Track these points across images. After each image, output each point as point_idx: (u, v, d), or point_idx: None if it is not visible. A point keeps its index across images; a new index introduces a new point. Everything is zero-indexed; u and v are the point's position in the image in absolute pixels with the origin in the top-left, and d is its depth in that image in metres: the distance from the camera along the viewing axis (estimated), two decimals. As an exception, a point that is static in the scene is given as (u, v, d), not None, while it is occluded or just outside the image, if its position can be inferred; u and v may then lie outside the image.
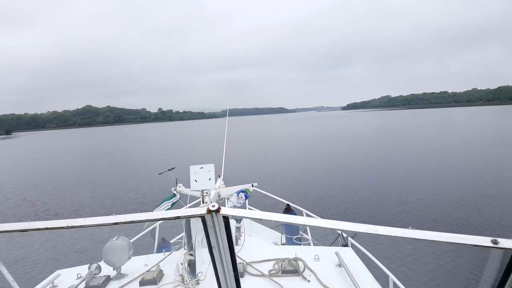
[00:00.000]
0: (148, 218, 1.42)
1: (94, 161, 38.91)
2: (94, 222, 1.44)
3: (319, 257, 3.42)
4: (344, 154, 30.54)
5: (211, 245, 1.54)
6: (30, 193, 21.27)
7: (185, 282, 2.92)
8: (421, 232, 1.24)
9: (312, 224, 1.41)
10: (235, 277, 1.71)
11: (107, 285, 3.10)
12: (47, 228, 1.45)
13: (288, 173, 22.51)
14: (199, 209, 1.42)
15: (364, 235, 1.17)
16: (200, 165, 3.88)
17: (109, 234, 3.31)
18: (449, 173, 19.67)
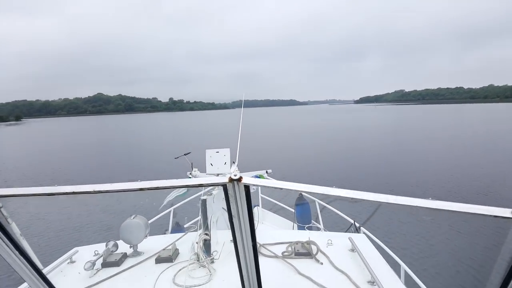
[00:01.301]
0: (173, 184, 1.47)
1: (108, 149, 38.35)
2: (119, 187, 1.49)
3: (332, 242, 3.42)
4: (358, 146, 30.58)
5: (231, 214, 1.62)
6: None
7: (200, 261, 3.01)
8: (440, 202, 1.27)
9: (331, 193, 1.43)
10: (253, 246, 1.78)
11: (124, 262, 3.18)
12: (74, 192, 1.51)
13: (302, 163, 22.77)
14: (221, 178, 1.47)
15: (376, 224, 1.33)
16: (216, 149, 4.23)
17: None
18: (465, 162, 20.51)
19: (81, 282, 2.84)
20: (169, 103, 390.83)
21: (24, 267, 1.95)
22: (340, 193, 1.43)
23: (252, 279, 2.06)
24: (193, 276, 2.84)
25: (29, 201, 15.05)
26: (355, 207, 9.85)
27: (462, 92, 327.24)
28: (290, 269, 2.90)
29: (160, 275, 2.90)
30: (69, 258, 3.35)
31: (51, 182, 19.90)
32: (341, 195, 1.43)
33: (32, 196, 1.57)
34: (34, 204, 15.07)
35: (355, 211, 9.18)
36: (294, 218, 6.22)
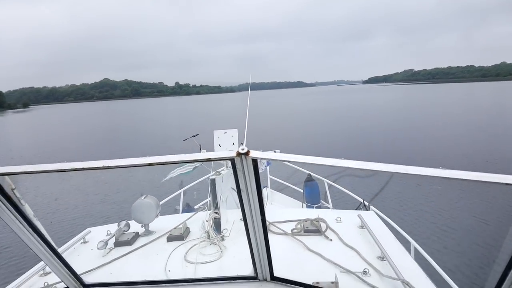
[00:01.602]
0: (181, 159, 1.51)
1: (116, 134, 38.52)
2: (129, 162, 1.51)
3: (341, 219, 3.41)
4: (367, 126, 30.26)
5: (240, 188, 1.65)
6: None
7: (210, 238, 3.05)
8: (451, 171, 1.26)
9: (341, 165, 1.44)
10: (262, 220, 1.80)
11: (136, 241, 3.20)
12: (83, 168, 1.54)
13: (310, 144, 22.66)
14: (229, 152, 1.49)
15: (385, 203, 1.31)
16: (224, 130, 4.25)
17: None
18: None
19: (95, 261, 2.89)
20: (175, 87, 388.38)
21: (40, 247, 2.00)
22: (349, 164, 1.42)
23: (262, 253, 2.08)
24: (204, 253, 2.87)
25: (40, 183, 15.28)
26: (364, 186, 9.87)
27: (473, 70, 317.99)
28: (300, 246, 2.91)
29: (172, 252, 2.93)
30: (82, 238, 3.40)
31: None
32: (350, 166, 1.42)
33: (43, 173, 1.58)
34: (45, 185, 15.31)
35: (364, 190, 9.19)
36: (303, 198, 6.23)
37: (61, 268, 2.19)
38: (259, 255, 2.11)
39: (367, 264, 2.52)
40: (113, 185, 14.75)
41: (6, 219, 1.83)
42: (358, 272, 2.40)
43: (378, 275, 2.40)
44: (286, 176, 7.95)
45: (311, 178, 6.41)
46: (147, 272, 2.66)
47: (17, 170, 1.65)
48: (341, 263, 2.53)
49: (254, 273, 2.30)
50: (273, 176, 7.39)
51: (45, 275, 2.74)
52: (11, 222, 1.85)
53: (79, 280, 2.34)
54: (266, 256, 2.12)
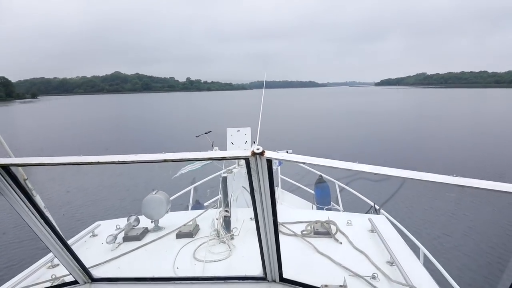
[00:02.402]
0: (196, 157, 1.53)
1: (127, 128, 38.58)
2: (144, 158, 1.51)
3: (352, 222, 3.38)
4: (380, 129, 30.18)
5: (253, 187, 1.63)
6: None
7: (220, 237, 3.02)
8: (465, 179, 1.25)
9: (354, 168, 1.44)
10: (274, 221, 1.79)
11: (145, 237, 3.20)
12: (99, 162, 1.54)
13: (323, 145, 22.65)
14: (244, 151, 1.48)
15: (396, 207, 1.31)
16: (237, 128, 4.27)
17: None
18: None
19: (103, 254, 2.90)
20: (186, 82, 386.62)
21: (51, 238, 2.00)
22: (363, 168, 1.42)
23: (272, 254, 2.06)
24: (213, 252, 2.86)
25: (52, 175, 15.43)
26: (375, 189, 9.77)
27: (487, 76, 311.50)
28: (309, 248, 2.90)
29: (180, 249, 2.93)
30: (91, 231, 3.41)
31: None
32: (364, 170, 1.42)
33: (58, 165, 1.59)
34: (57, 177, 15.45)
35: (375, 194, 9.11)
36: (314, 199, 6.21)
37: (70, 260, 2.19)
38: (269, 255, 2.08)
39: (376, 269, 2.51)
40: (125, 179, 14.85)
41: (19, 209, 1.84)
42: (367, 276, 2.39)
43: (387, 280, 2.39)
44: (297, 177, 7.92)
45: (322, 179, 6.38)
46: (155, 268, 2.65)
47: (32, 161, 1.65)
48: (350, 267, 2.52)
49: (263, 274, 2.27)
50: (284, 176, 7.35)
51: (53, 267, 2.75)
52: (23, 212, 1.86)
53: (88, 273, 2.34)
54: (276, 257, 2.10)
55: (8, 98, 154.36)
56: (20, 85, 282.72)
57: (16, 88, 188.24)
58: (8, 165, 1.61)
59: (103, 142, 27.01)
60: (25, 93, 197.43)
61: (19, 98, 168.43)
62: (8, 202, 1.78)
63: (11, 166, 1.63)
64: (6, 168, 1.62)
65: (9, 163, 1.62)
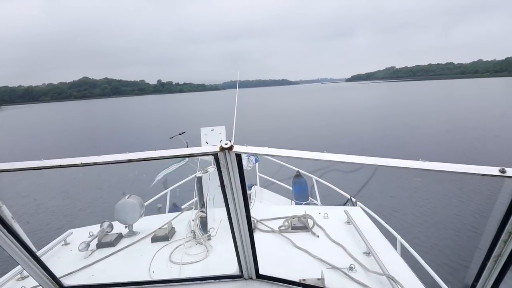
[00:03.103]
0: (163, 155, 1.49)
1: (93, 134, 37.28)
2: (108, 159, 1.48)
3: (328, 215, 3.41)
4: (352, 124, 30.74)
5: (223, 183, 1.61)
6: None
7: (196, 238, 2.98)
8: (430, 163, 1.29)
9: (323, 158, 1.44)
10: (247, 217, 1.76)
11: (119, 242, 3.11)
12: (60, 165, 1.50)
13: (299, 142, 22.65)
14: (212, 147, 1.48)
15: (372, 199, 1.32)
16: (211, 127, 4.18)
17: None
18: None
19: (76, 263, 2.81)
20: (158, 85, 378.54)
21: (18, 250, 1.91)
22: (331, 157, 1.43)
23: (247, 251, 2.05)
24: (189, 253, 2.82)
25: (19, 182, 14.79)
26: (349, 181, 9.91)
27: (453, 67, 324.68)
28: (287, 243, 2.90)
29: (156, 253, 2.87)
30: (63, 240, 3.31)
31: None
32: (332, 160, 1.43)
33: (19, 171, 1.53)
34: (24, 185, 14.82)
35: (350, 186, 9.24)
36: (292, 195, 6.26)
37: (38, 271, 2.10)
38: (244, 252, 2.07)
39: (353, 260, 2.54)
40: (95, 184, 14.39)
41: None
42: (344, 268, 2.41)
43: (364, 270, 2.41)
44: (275, 174, 7.93)
45: (300, 175, 6.42)
46: (130, 273, 2.60)
47: None
48: (328, 259, 2.53)
49: (239, 272, 2.26)
50: (262, 174, 7.34)
51: (22, 279, 2.65)
52: None
53: (58, 283, 2.26)
54: (251, 253, 2.08)
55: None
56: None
57: None
58: None
59: (69, 151, 25.94)
60: None
61: None
62: None
63: None
64: None
65: None
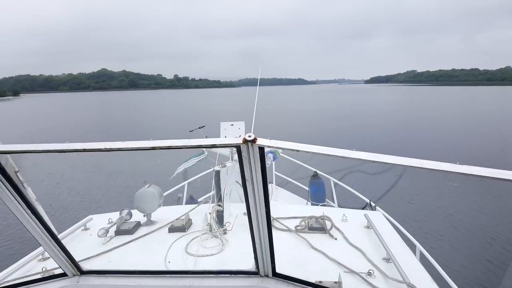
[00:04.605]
0: (186, 144, 1.48)
1: (116, 125, 37.52)
2: (132, 145, 1.48)
3: (347, 218, 3.33)
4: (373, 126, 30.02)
5: (245, 177, 1.58)
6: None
7: (212, 231, 2.99)
8: (470, 167, 1.20)
9: (352, 156, 1.40)
10: (267, 213, 1.73)
11: (137, 230, 3.17)
12: (84, 149, 1.51)
13: (318, 141, 21.49)
14: (235, 138, 1.44)
15: (392, 204, 1.25)
16: (231, 122, 4.24)
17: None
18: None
19: (95, 248, 2.86)
20: (174, 80, 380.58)
21: (40, 231, 1.97)
22: (360, 155, 1.37)
23: (264, 247, 2.01)
24: (205, 246, 2.83)
25: (44, 166, 15.13)
26: (372, 184, 9.65)
27: (478, 73, 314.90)
28: (303, 243, 2.86)
29: (172, 244, 2.90)
30: (83, 225, 3.38)
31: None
32: (361, 158, 1.37)
33: (43, 152, 1.54)
34: (49, 169, 15.16)
35: (372, 189, 8.99)
36: (308, 196, 6.17)
37: (59, 254, 2.15)
38: (262, 249, 2.04)
39: (372, 265, 2.47)
40: (117, 170, 14.59)
41: (7, 201, 1.80)
42: (363, 273, 2.35)
43: (383, 277, 2.35)
44: (292, 173, 7.84)
45: (317, 176, 6.31)
46: (147, 262, 2.62)
47: (18, 148, 1.60)
48: (345, 263, 2.48)
49: (255, 268, 2.24)
50: (278, 173, 7.26)
51: (43, 260, 2.71)
52: (12, 204, 1.82)
53: (77, 266, 2.31)
54: (269, 251, 2.05)
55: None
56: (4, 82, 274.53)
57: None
58: None
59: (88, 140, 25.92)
60: (6, 91, 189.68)
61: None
62: None
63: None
64: None
65: None
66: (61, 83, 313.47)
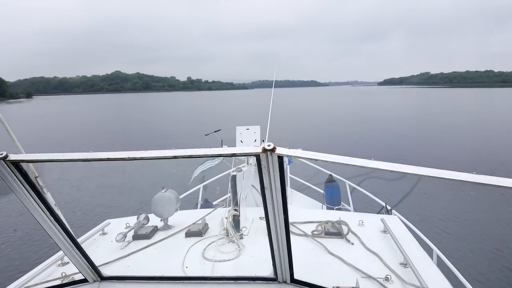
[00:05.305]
0: (207, 153, 1.51)
1: (132, 128, 37.51)
2: (154, 154, 1.51)
3: (363, 222, 3.32)
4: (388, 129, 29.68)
5: (263, 185, 1.60)
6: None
7: (229, 236, 3.00)
8: (488, 177, 1.20)
9: (370, 165, 1.41)
10: (285, 220, 1.74)
11: (155, 235, 3.19)
12: (108, 158, 1.55)
13: (333, 144, 22.33)
14: (255, 148, 1.48)
15: (408, 208, 1.26)
16: (246, 126, 4.27)
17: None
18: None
19: (113, 253, 2.88)
20: (187, 82, 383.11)
21: (61, 236, 1.98)
22: (378, 165, 1.38)
23: (283, 254, 2.00)
24: (222, 251, 2.83)
25: (61, 172, 15.39)
26: (388, 189, 9.56)
27: (492, 75, 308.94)
28: (320, 248, 2.85)
29: (189, 248, 2.91)
30: (101, 229, 3.41)
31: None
32: (379, 168, 1.38)
33: (68, 161, 1.58)
34: (67, 175, 15.39)
35: (388, 193, 8.91)
36: (324, 199, 6.15)
37: (80, 259, 2.17)
38: (280, 256, 2.03)
39: (389, 271, 2.45)
40: (134, 177, 14.72)
41: (29, 206, 1.82)
42: (380, 278, 2.33)
43: (401, 282, 2.32)
44: (307, 176, 7.82)
45: (333, 179, 6.31)
46: (165, 267, 2.63)
47: (42, 157, 1.63)
48: (363, 268, 2.46)
49: (273, 275, 2.23)
50: (293, 176, 7.26)
51: (63, 265, 2.74)
52: (34, 210, 1.84)
53: (97, 272, 2.32)
54: (287, 257, 2.04)
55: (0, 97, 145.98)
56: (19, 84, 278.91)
57: (10, 88, 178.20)
58: (19, 161, 1.59)
59: (104, 143, 26.00)
60: (20, 93, 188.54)
61: (12, 98, 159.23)
62: (19, 199, 1.77)
63: (21, 163, 1.61)
64: (17, 165, 1.60)
65: (20, 159, 1.60)
66: (75, 85, 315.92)
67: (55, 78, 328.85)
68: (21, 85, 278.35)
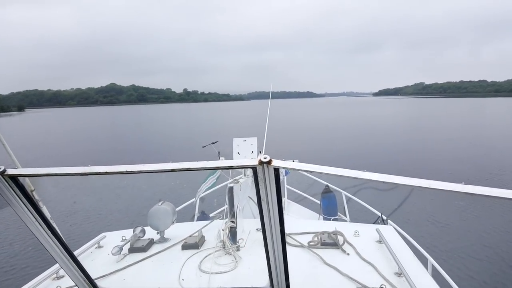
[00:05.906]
0: (204, 166, 1.51)
1: (127, 141, 37.29)
2: (152, 168, 1.52)
3: (359, 233, 3.36)
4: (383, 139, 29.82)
5: (260, 197, 1.61)
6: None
7: (226, 248, 3.00)
8: (474, 187, 1.22)
9: (363, 177, 1.42)
10: (281, 232, 1.75)
11: (151, 248, 3.20)
12: (106, 172, 1.54)
13: (329, 155, 22.57)
14: (251, 160, 1.48)
15: (404, 218, 1.27)
16: (243, 138, 4.29)
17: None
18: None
19: (109, 266, 2.88)
20: (183, 93, 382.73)
21: (57, 249, 1.98)
22: (371, 176, 1.39)
23: (279, 265, 2.02)
24: (219, 263, 2.84)
25: (57, 185, 15.29)
26: (382, 199, 9.68)
27: (486, 85, 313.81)
28: (316, 259, 2.87)
29: (186, 261, 2.91)
30: (97, 243, 3.40)
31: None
32: (372, 179, 1.39)
33: (66, 175, 1.58)
34: (63, 187, 15.28)
35: (383, 204, 9.03)
36: (320, 210, 6.17)
37: (76, 272, 2.16)
38: (276, 267, 2.04)
39: (384, 280, 2.48)
40: (130, 190, 14.67)
41: (26, 220, 1.83)
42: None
43: None
44: (304, 187, 7.88)
45: (329, 189, 6.36)
46: (161, 280, 2.63)
47: (40, 172, 1.64)
48: (358, 278, 2.49)
49: (270, 286, 2.23)
50: (290, 186, 7.31)
51: (58, 278, 2.73)
52: (31, 223, 1.84)
53: (93, 285, 2.31)
54: (284, 268, 2.05)
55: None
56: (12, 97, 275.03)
57: (2, 101, 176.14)
58: (17, 175, 1.60)
59: (95, 157, 25.49)
60: (12, 106, 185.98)
61: (3, 111, 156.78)
62: (16, 213, 1.77)
63: (19, 177, 1.62)
64: (15, 179, 1.61)
65: (18, 173, 1.61)
66: (69, 97, 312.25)
67: (49, 91, 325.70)
68: (14, 98, 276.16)
